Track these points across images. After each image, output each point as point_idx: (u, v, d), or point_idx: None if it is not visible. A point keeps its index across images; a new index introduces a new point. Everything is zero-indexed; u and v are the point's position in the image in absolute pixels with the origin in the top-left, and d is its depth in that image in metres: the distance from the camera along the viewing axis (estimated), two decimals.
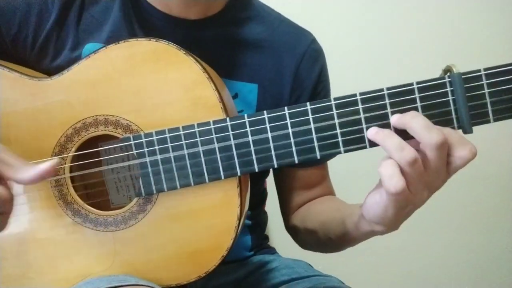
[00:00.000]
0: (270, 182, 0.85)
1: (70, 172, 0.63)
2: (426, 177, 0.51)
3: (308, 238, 0.76)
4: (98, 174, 0.67)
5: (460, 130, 0.55)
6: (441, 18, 1.33)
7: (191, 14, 0.71)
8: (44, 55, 0.70)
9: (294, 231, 0.80)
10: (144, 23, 0.71)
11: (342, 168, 0.90)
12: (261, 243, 0.83)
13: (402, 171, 0.50)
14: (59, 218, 0.62)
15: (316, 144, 0.57)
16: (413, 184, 0.51)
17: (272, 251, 0.84)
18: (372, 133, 0.53)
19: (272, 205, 0.85)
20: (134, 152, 0.60)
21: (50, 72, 0.66)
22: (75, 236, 0.62)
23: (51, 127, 0.62)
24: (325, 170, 0.82)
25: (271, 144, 0.58)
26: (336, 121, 0.57)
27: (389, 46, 1.32)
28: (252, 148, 0.58)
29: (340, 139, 0.57)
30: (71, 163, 0.62)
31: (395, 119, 0.53)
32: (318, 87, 0.77)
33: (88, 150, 0.63)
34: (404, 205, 0.53)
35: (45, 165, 0.51)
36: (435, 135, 0.50)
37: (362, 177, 0.62)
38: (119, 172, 0.68)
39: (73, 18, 0.69)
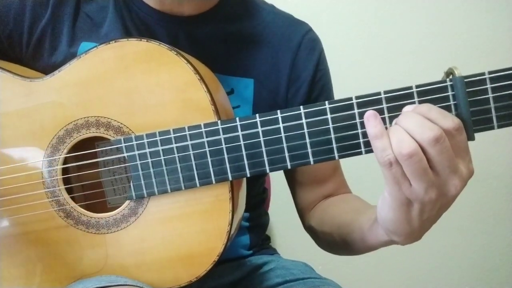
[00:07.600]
0: (272, 183, 0.83)
1: (65, 173, 0.62)
2: (431, 176, 0.48)
3: (325, 241, 0.73)
4: (94, 175, 0.66)
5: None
6: (444, 18, 1.28)
7: (185, 11, 0.70)
8: (40, 52, 0.69)
9: (312, 233, 0.77)
10: (137, 21, 0.70)
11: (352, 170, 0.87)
12: (261, 243, 0.81)
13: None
14: (52, 219, 0.62)
15: (309, 150, 0.55)
16: (413, 179, 0.48)
17: (272, 251, 0.82)
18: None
19: (274, 206, 0.83)
20: (125, 155, 0.59)
21: (47, 69, 0.65)
22: (68, 238, 0.62)
23: (43, 128, 0.61)
24: (337, 161, 0.77)
25: (263, 149, 0.56)
26: (331, 126, 0.55)
27: (390, 47, 1.28)
28: (244, 153, 0.57)
29: (334, 145, 0.55)
30: (63, 164, 0.62)
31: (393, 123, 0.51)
32: (317, 75, 0.74)
33: (81, 151, 0.62)
34: (407, 201, 0.49)
35: None
36: (428, 131, 0.47)
37: (367, 181, 0.60)
38: (115, 173, 0.67)
39: (68, 15, 0.69)
